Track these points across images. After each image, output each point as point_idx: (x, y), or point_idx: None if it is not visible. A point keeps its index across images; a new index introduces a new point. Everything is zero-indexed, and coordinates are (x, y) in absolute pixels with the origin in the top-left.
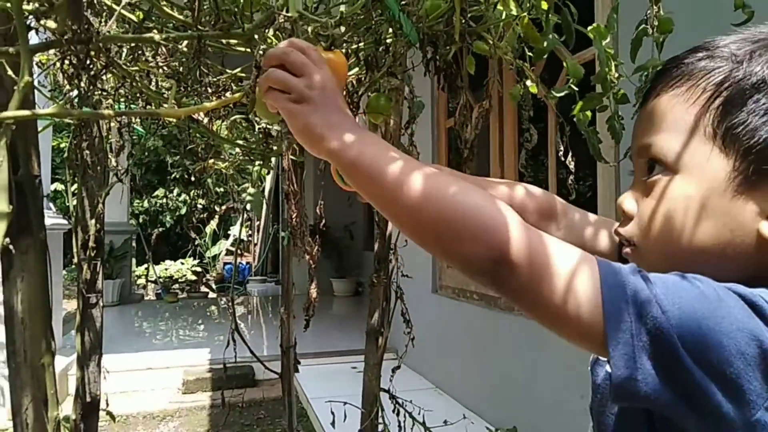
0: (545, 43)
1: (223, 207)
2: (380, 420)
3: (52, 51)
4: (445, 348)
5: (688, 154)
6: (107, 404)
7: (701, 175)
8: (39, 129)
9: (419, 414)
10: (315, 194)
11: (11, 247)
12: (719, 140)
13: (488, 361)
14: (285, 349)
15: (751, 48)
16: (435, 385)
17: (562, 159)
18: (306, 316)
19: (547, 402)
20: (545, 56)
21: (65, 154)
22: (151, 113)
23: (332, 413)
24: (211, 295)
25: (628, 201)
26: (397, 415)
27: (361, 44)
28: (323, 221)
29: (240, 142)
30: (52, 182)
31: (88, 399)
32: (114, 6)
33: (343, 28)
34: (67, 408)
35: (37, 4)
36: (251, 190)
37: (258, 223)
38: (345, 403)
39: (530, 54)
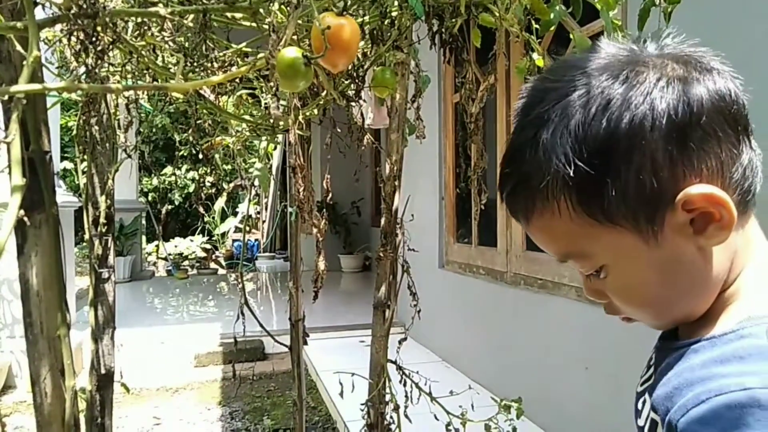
0: (552, 15)
1: (231, 184)
2: (387, 390)
3: (59, 27)
4: (452, 322)
5: (597, 249)
6: (121, 376)
7: (624, 254)
8: (48, 106)
9: (426, 385)
10: (322, 169)
11: (26, 219)
12: (607, 223)
13: (494, 334)
14: (294, 322)
15: (552, 143)
16: (442, 359)
17: None
18: (314, 288)
19: (552, 374)
20: (552, 29)
21: (74, 132)
22: (158, 87)
23: (340, 384)
24: (221, 271)
25: (593, 296)
26: (404, 385)
27: (366, 17)
28: (330, 195)
29: (247, 117)
30: (61, 161)
31: (103, 371)
32: None
33: (349, 1)
34: (82, 381)
35: None
36: (258, 164)
37: (266, 200)
38: (353, 374)
39: (537, 26)
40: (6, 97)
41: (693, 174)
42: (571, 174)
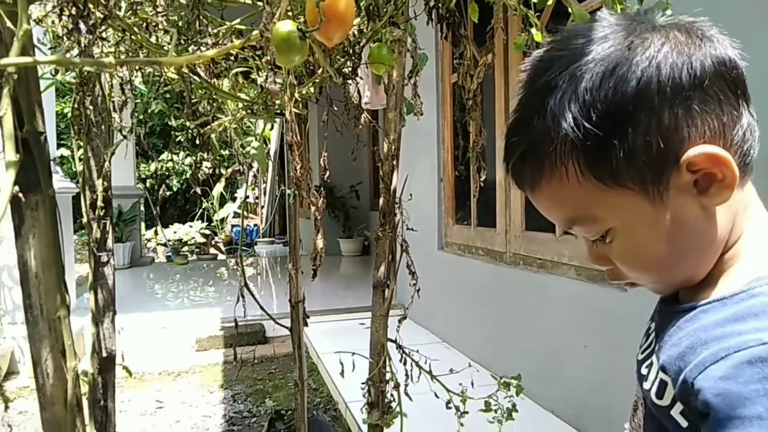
0: None
1: (229, 169)
2: (387, 369)
3: (50, 6)
4: (452, 303)
5: (607, 213)
6: (123, 360)
7: (632, 217)
8: (42, 89)
9: (426, 363)
10: (319, 148)
11: (21, 196)
12: (614, 186)
13: (493, 314)
14: (294, 304)
15: (555, 110)
16: (442, 339)
17: None
18: (313, 266)
19: (551, 353)
20: (551, 2)
21: (69, 116)
22: (152, 61)
23: (341, 363)
24: (221, 257)
25: (597, 262)
26: (404, 364)
27: None
28: (327, 173)
29: (243, 96)
30: (58, 148)
31: (104, 354)
32: None
33: None
34: (84, 365)
35: None
36: (255, 144)
37: (264, 185)
38: (353, 354)
39: (535, 0)
40: None
41: (697, 135)
42: (580, 137)
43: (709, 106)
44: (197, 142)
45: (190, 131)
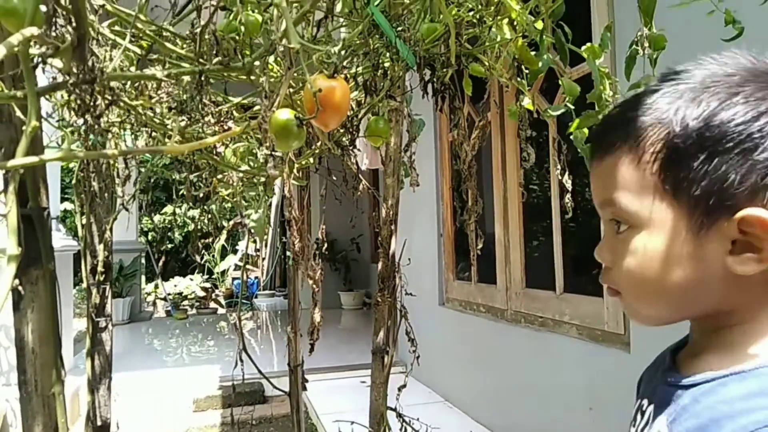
0: (540, 64)
1: (231, 222)
2: None
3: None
4: (454, 361)
5: (647, 210)
6: (118, 427)
7: (663, 227)
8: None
9: None
10: (320, 206)
11: (20, 288)
12: (670, 194)
13: (496, 374)
14: (293, 368)
15: (677, 105)
16: (444, 398)
17: (559, 177)
18: (311, 340)
19: (555, 414)
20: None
21: (75, 174)
22: (154, 150)
23: None
24: (221, 310)
25: (604, 254)
26: None
27: (360, 69)
28: (326, 245)
29: (243, 167)
30: (61, 201)
31: (99, 423)
32: (118, 40)
33: (342, 53)
34: (78, 431)
35: (43, 48)
36: (255, 215)
37: (265, 237)
38: (352, 423)
39: (527, 71)
40: (4, 149)
41: (766, 199)
42: (676, 133)
43: None
44: (198, 197)
45: (191, 184)
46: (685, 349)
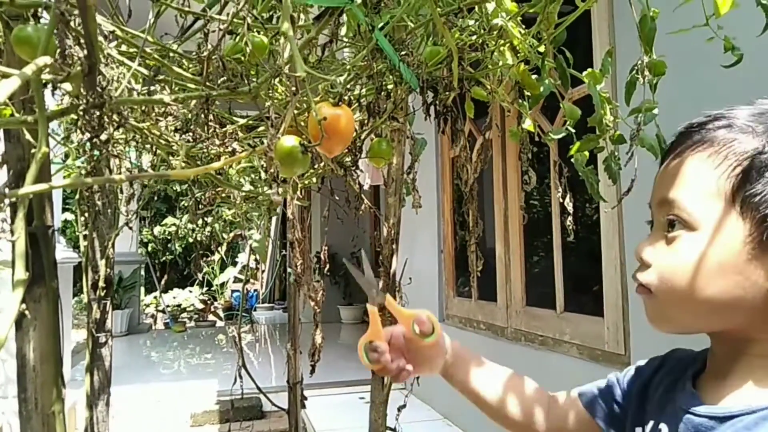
0: (542, 89)
1: (231, 234)
2: None
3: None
4: None
5: (709, 215)
6: None
7: (719, 236)
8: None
9: None
10: (322, 224)
11: (27, 312)
12: (737, 206)
13: None
14: (292, 385)
15: (752, 120)
16: (443, 416)
17: (560, 200)
18: (311, 362)
19: None
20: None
21: (75, 193)
22: (160, 175)
23: None
24: (219, 323)
25: (647, 250)
26: None
27: (363, 91)
28: (327, 265)
29: (246, 186)
30: (63, 212)
31: None
32: (127, 62)
33: (347, 80)
34: None
35: (53, 75)
36: (256, 236)
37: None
38: None
39: (528, 94)
40: (11, 168)
41: None
42: (760, 150)
43: None
44: (200, 207)
45: (193, 195)
46: (706, 375)
